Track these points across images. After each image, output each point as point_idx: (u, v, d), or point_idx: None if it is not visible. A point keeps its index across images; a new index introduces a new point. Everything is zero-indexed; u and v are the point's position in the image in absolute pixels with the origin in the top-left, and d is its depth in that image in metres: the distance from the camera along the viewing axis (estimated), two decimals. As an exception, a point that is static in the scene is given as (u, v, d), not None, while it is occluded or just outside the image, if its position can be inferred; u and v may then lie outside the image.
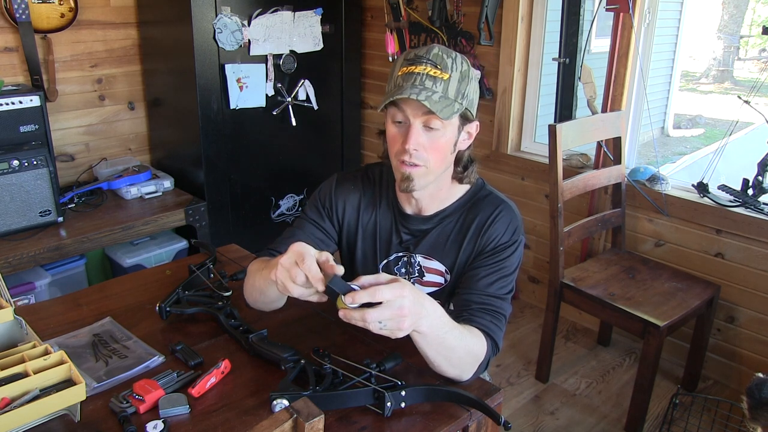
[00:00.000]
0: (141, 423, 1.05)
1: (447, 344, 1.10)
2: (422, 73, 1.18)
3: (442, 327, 1.08)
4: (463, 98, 1.22)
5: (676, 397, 1.98)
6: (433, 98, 1.16)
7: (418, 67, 1.19)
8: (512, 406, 2.37)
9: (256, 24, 2.80)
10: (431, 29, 3.02)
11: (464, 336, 1.13)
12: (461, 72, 1.21)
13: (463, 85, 1.21)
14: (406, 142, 1.21)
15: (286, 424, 0.89)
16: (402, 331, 1.00)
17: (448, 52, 1.21)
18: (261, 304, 1.34)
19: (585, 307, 2.33)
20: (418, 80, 1.18)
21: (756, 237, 2.27)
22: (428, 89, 1.17)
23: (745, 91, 2.44)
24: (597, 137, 2.54)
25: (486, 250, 1.29)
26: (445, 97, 1.18)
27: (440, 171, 1.27)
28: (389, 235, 1.40)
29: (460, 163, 1.32)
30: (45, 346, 1.13)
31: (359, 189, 1.43)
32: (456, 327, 1.12)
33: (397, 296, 0.98)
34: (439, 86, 1.18)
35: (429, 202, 1.35)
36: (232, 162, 2.95)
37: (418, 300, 1.02)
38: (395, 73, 1.23)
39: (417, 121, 1.20)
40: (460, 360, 1.14)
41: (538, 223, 2.95)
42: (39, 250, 2.30)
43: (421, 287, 1.38)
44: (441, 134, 1.22)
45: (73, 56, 2.83)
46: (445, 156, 1.25)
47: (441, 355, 1.11)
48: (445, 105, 1.18)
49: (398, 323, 0.99)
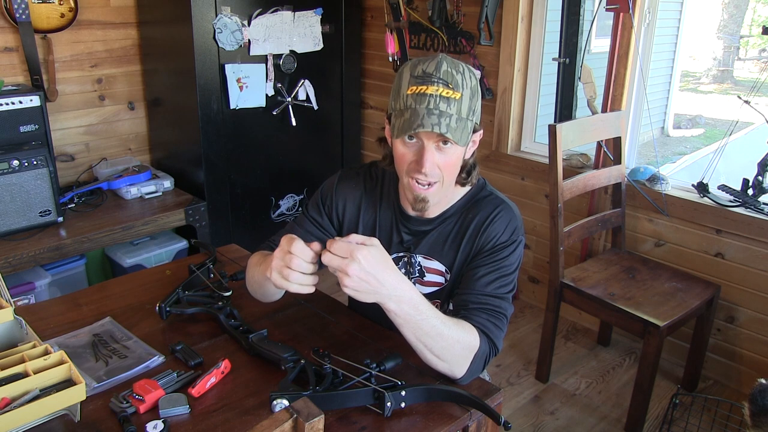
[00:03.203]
0: (141, 423, 1.05)
1: (424, 330, 1.11)
2: (435, 94, 1.15)
3: (415, 314, 1.10)
4: (474, 114, 1.21)
5: (676, 397, 1.98)
6: (451, 125, 1.15)
7: (429, 88, 1.16)
8: (512, 406, 2.37)
9: (256, 24, 2.80)
10: (431, 29, 3.02)
11: (448, 326, 1.13)
12: (471, 88, 1.19)
13: (473, 101, 1.20)
14: (420, 163, 1.20)
15: (286, 424, 0.89)
16: (344, 287, 1.07)
17: (456, 66, 1.19)
18: (260, 296, 1.38)
19: (585, 307, 2.33)
20: (432, 103, 1.15)
21: (756, 237, 2.27)
22: (444, 113, 1.15)
23: (745, 91, 2.43)
24: (597, 137, 2.54)
25: (485, 249, 1.29)
26: (460, 119, 1.17)
27: (451, 183, 1.28)
28: (389, 234, 1.40)
29: (465, 168, 1.32)
30: (45, 346, 1.13)
31: (361, 187, 1.43)
32: (438, 317, 1.12)
33: (348, 254, 1.05)
34: (453, 108, 1.16)
35: (432, 208, 1.35)
36: (232, 162, 2.95)
37: (373, 271, 1.06)
38: (403, 91, 1.19)
39: (430, 143, 1.19)
40: (443, 350, 1.13)
41: (538, 223, 2.95)
42: (39, 250, 2.30)
43: (421, 287, 1.38)
44: (453, 152, 1.21)
45: (73, 56, 2.83)
46: (456, 169, 1.26)
47: (419, 340, 1.12)
48: (462, 129, 1.17)
49: (341, 278, 1.06)
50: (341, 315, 1.44)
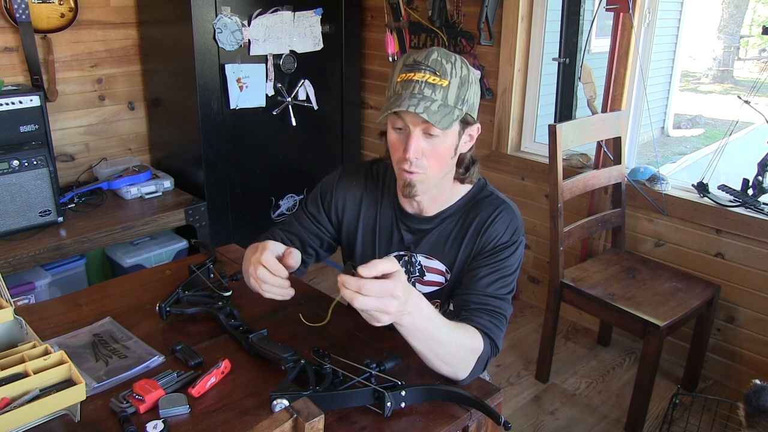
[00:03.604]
0: (141, 423, 1.05)
1: (434, 338, 1.10)
2: (421, 80, 1.17)
3: (427, 324, 1.08)
4: (463, 104, 1.21)
5: (676, 397, 1.98)
6: (431, 108, 1.16)
7: (417, 74, 1.18)
8: (512, 406, 2.37)
9: (256, 24, 2.80)
10: (431, 29, 3.02)
11: (455, 332, 1.13)
12: (461, 77, 1.20)
13: (463, 90, 1.20)
14: (406, 150, 1.21)
15: (286, 424, 0.89)
16: (380, 323, 1.02)
17: (447, 56, 1.20)
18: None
19: (585, 307, 2.33)
20: (417, 88, 1.17)
21: (756, 237, 2.27)
22: (427, 98, 1.17)
23: (745, 91, 2.43)
24: (597, 137, 2.54)
25: (485, 250, 1.29)
26: (445, 105, 1.18)
27: (441, 176, 1.28)
28: (390, 232, 1.40)
29: (462, 164, 1.32)
30: (45, 346, 1.13)
31: (362, 185, 1.43)
32: (446, 324, 1.12)
33: (388, 293, 0.98)
34: (439, 94, 1.18)
35: (430, 204, 1.35)
36: (232, 162, 2.95)
37: (406, 299, 1.02)
38: (394, 79, 1.22)
39: (417, 129, 1.20)
40: (450, 356, 1.13)
41: (538, 223, 2.95)
42: (39, 250, 2.30)
43: (421, 287, 1.38)
44: (441, 141, 1.22)
45: (73, 56, 2.83)
46: (445, 161, 1.25)
47: (429, 349, 1.11)
48: (444, 114, 1.17)
49: (379, 317, 1.01)
50: (341, 315, 1.44)
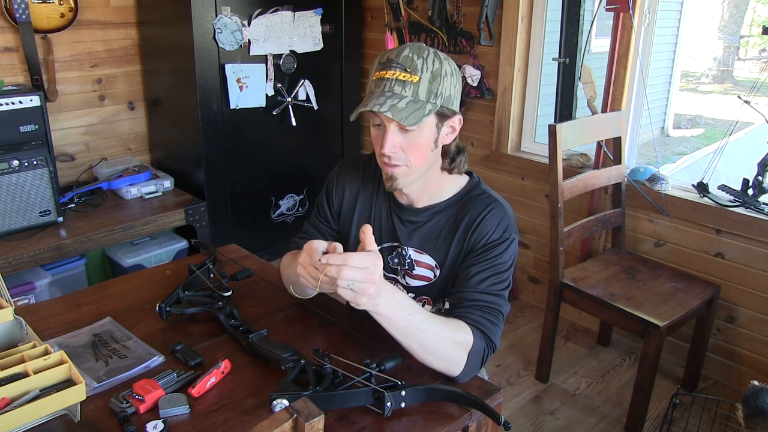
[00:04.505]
0: (141, 423, 1.05)
1: (414, 325, 1.12)
2: (392, 78, 1.20)
3: (401, 311, 1.11)
4: (436, 97, 1.22)
5: (676, 397, 1.98)
6: (398, 105, 1.18)
7: (388, 72, 1.21)
8: (512, 406, 2.37)
9: (256, 24, 2.80)
10: (431, 29, 3.02)
11: (436, 322, 1.15)
12: (432, 72, 1.21)
13: (434, 84, 1.21)
14: (383, 145, 1.24)
15: (286, 424, 0.89)
16: (365, 296, 1.05)
17: (420, 51, 1.21)
18: (299, 293, 1.37)
19: (585, 307, 2.33)
20: (387, 86, 1.20)
21: (756, 237, 2.27)
22: (396, 95, 1.19)
23: (745, 91, 2.43)
24: (597, 137, 2.54)
25: (477, 247, 1.30)
26: (415, 101, 1.20)
27: (423, 168, 1.29)
28: (383, 223, 1.41)
29: (448, 155, 1.34)
30: (45, 346, 1.13)
31: (360, 176, 1.46)
32: (422, 312, 1.14)
33: (372, 263, 1.04)
34: (409, 90, 1.20)
35: (419, 196, 1.37)
36: (232, 162, 2.95)
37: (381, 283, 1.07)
38: (371, 77, 1.26)
39: (391, 125, 1.22)
40: (436, 346, 1.14)
41: (538, 223, 2.95)
42: (39, 250, 2.30)
43: (410, 280, 1.40)
44: (417, 134, 1.23)
45: (73, 56, 2.83)
46: (425, 154, 1.27)
47: (413, 338, 1.13)
48: (414, 110, 1.19)
49: (366, 288, 1.04)
50: (341, 315, 1.44)
